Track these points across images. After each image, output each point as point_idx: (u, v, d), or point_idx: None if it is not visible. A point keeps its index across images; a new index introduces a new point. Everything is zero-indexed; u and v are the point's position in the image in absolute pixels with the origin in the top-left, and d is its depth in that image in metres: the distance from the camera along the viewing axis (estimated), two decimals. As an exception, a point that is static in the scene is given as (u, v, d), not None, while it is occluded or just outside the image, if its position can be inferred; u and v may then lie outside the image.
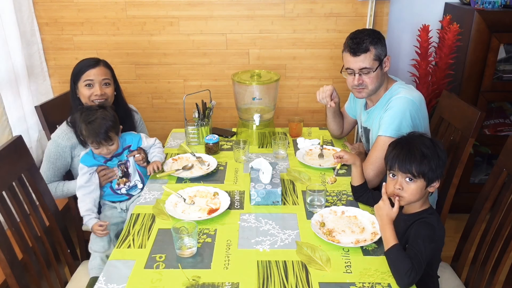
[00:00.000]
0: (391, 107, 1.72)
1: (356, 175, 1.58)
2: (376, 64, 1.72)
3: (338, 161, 1.59)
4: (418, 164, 1.29)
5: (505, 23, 2.41)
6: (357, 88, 1.78)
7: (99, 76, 1.81)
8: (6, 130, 2.37)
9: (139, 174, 1.83)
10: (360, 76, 1.75)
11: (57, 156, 1.82)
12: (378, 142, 1.72)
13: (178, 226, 1.36)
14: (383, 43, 1.75)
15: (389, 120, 1.70)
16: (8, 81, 2.38)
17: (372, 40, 1.70)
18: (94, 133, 1.64)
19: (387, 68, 1.78)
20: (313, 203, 1.57)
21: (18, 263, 1.40)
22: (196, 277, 1.25)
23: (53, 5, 2.68)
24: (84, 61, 1.84)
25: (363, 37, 1.70)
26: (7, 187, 1.45)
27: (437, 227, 1.32)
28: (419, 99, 1.74)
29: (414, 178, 1.30)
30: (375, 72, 1.73)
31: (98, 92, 1.80)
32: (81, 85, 1.80)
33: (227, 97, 2.85)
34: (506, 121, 2.77)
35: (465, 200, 2.43)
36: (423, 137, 1.36)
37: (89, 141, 1.67)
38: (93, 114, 1.65)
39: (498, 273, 1.47)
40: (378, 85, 1.78)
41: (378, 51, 1.72)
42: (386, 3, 2.64)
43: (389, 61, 1.78)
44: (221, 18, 2.71)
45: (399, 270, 1.21)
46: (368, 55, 1.70)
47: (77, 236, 2.04)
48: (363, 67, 1.72)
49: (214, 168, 1.89)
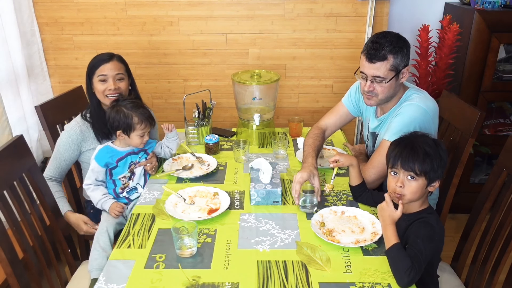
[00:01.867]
0: (401, 113, 1.64)
1: (354, 175, 1.58)
2: (392, 74, 1.60)
3: (334, 166, 1.57)
4: (421, 162, 1.28)
5: (505, 23, 2.41)
6: (367, 95, 1.67)
7: (113, 70, 1.83)
8: (6, 130, 2.37)
9: (144, 178, 1.86)
10: (372, 83, 1.63)
11: (67, 147, 1.84)
12: (382, 146, 1.67)
13: (178, 226, 1.36)
14: (405, 52, 1.61)
15: (397, 126, 1.62)
16: (8, 81, 2.38)
17: (393, 49, 1.57)
18: (145, 117, 1.73)
19: (404, 79, 1.65)
20: (305, 204, 1.56)
21: (19, 262, 1.40)
22: (196, 277, 1.25)
23: (53, 5, 2.68)
24: (98, 56, 1.86)
25: (384, 43, 1.57)
26: (8, 186, 1.45)
27: (437, 226, 1.32)
28: (432, 110, 1.65)
29: (416, 176, 1.30)
30: (388, 83, 1.61)
31: (112, 86, 1.82)
32: (95, 80, 1.83)
33: (227, 97, 2.85)
34: (506, 121, 2.78)
35: (465, 200, 2.44)
36: (425, 137, 1.35)
37: (141, 126, 1.72)
38: (135, 103, 1.75)
39: (498, 273, 1.47)
40: (389, 95, 1.67)
41: (396, 61, 1.58)
42: (386, 3, 2.64)
43: (408, 72, 1.64)
44: (221, 18, 2.71)
45: (399, 269, 1.21)
46: (385, 64, 1.58)
47: (78, 236, 2.04)
48: (376, 75, 1.60)
49: (214, 168, 1.89)
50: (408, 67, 1.64)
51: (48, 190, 1.69)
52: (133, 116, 1.71)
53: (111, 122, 1.73)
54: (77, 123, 1.86)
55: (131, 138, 1.74)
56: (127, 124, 1.71)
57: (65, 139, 1.84)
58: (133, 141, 1.75)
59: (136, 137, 1.74)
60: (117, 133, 1.74)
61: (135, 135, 1.74)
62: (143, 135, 1.75)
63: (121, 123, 1.71)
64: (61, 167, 1.88)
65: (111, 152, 1.75)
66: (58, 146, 1.86)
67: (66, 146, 1.84)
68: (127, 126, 1.72)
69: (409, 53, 1.63)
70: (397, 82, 1.64)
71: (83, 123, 1.86)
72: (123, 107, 1.73)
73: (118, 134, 1.74)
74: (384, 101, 1.69)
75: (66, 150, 1.84)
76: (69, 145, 1.84)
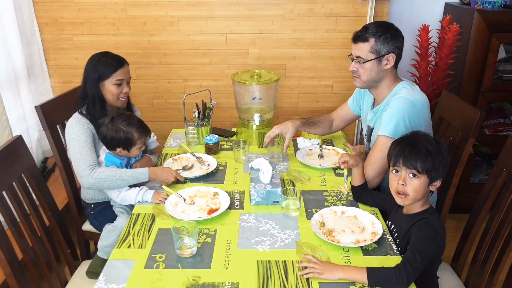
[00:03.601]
0: (390, 107, 1.71)
1: (357, 176, 1.58)
2: (372, 56, 1.69)
3: (344, 167, 1.58)
4: (423, 160, 1.29)
5: (505, 23, 2.41)
6: (353, 76, 1.79)
7: (127, 74, 1.89)
8: (6, 130, 2.37)
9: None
10: (355, 63, 1.74)
11: (88, 134, 1.77)
12: (377, 142, 1.72)
13: (178, 226, 1.36)
14: (390, 39, 1.68)
15: (387, 119, 1.69)
16: (8, 81, 2.38)
17: (375, 32, 1.67)
18: (143, 130, 1.75)
19: (388, 66, 1.71)
20: (289, 207, 1.55)
21: (18, 263, 1.40)
22: (196, 277, 1.25)
23: (53, 5, 2.68)
24: (108, 59, 1.84)
25: (369, 27, 1.69)
26: (7, 187, 1.45)
27: (439, 227, 1.32)
28: (421, 102, 1.69)
29: (418, 174, 1.30)
30: (368, 64, 1.70)
31: (126, 89, 1.88)
32: (109, 83, 1.84)
33: (227, 97, 2.85)
34: (506, 121, 2.77)
35: (465, 200, 2.44)
36: (427, 136, 1.36)
37: (141, 140, 1.74)
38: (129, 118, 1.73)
39: (498, 273, 1.47)
40: (371, 79, 1.74)
41: (378, 45, 1.68)
42: (386, 3, 2.64)
43: (393, 59, 1.70)
44: (221, 18, 2.71)
45: (390, 283, 1.20)
46: (366, 45, 1.68)
47: (77, 236, 2.04)
48: (357, 55, 1.72)
49: (214, 168, 1.89)
50: (394, 55, 1.70)
51: (48, 191, 1.68)
52: (133, 132, 1.71)
53: (109, 140, 1.71)
54: (80, 118, 1.80)
55: (130, 152, 1.76)
56: (127, 142, 1.72)
57: (80, 128, 1.76)
58: (132, 154, 1.77)
59: (136, 150, 1.77)
60: (117, 150, 1.74)
61: (135, 149, 1.76)
62: (141, 147, 1.78)
63: (122, 141, 1.71)
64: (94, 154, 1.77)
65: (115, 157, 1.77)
66: (77, 138, 1.75)
67: (86, 134, 1.76)
68: (128, 143, 1.73)
69: (398, 43, 1.70)
70: (379, 67, 1.72)
71: (84, 118, 1.81)
72: (120, 126, 1.70)
73: (118, 151, 1.74)
74: (367, 83, 1.78)
75: (88, 137, 1.77)
76: (88, 133, 1.77)
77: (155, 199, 1.65)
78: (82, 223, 2.03)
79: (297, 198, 1.55)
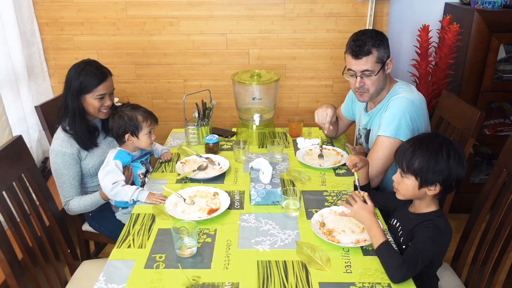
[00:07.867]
0: (391, 107, 1.72)
1: (362, 176, 1.58)
2: (378, 66, 1.71)
3: (355, 170, 1.54)
4: (409, 160, 1.31)
5: (505, 23, 2.41)
6: (359, 91, 1.77)
7: (111, 87, 1.83)
8: (6, 130, 2.37)
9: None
10: (361, 78, 1.73)
11: (67, 165, 1.77)
12: (377, 142, 1.72)
13: (178, 226, 1.36)
14: (386, 45, 1.72)
15: (388, 120, 1.70)
16: (8, 81, 2.38)
17: (374, 42, 1.68)
18: (148, 113, 1.78)
19: (389, 70, 1.77)
20: (289, 207, 1.55)
21: (18, 263, 1.40)
22: (196, 277, 1.25)
23: (53, 5, 2.68)
24: (89, 73, 1.76)
25: (365, 39, 1.68)
26: (7, 187, 1.45)
27: (445, 230, 1.32)
28: (419, 100, 1.73)
29: (404, 174, 1.34)
30: (377, 75, 1.71)
31: (108, 103, 1.82)
32: (91, 97, 1.77)
33: (227, 97, 2.85)
34: (506, 121, 2.77)
35: (465, 200, 2.44)
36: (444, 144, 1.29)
37: (147, 123, 1.76)
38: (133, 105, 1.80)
39: (498, 273, 1.47)
40: (379, 87, 1.77)
41: (380, 54, 1.70)
42: (386, 3, 2.64)
43: (392, 63, 1.76)
44: (221, 18, 2.71)
45: (390, 266, 1.22)
46: (370, 58, 1.68)
47: (77, 236, 2.04)
48: (364, 70, 1.70)
49: (227, 167, 1.88)
50: (392, 58, 1.75)
51: (48, 191, 1.69)
52: (137, 115, 1.74)
53: (117, 129, 1.75)
54: (62, 139, 1.76)
55: (140, 139, 1.76)
56: (134, 126, 1.74)
57: (61, 159, 1.75)
58: (142, 142, 1.77)
59: (145, 137, 1.77)
60: (126, 137, 1.75)
61: (143, 135, 1.76)
62: (150, 133, 1.78)
63: (128, 126, 1.73)
64: (75, 186, 1.81)
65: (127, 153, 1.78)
66: (58, 170, 1.77)
67: (66, 165, 1.77)
68: (134, 127, 1.74)
69: (389, 45, 1.75)
70: (384, 74, 1.75)
71: (68, 136, 1.77)
72: (124, 111, 1.75)
73: (127, 138, 1.75)
74: (375, 94, 1.79)
75: (68, 169, 1.77)
76: (69, 163, 1.77)
77: (150, 199, 1.65)
78: (82, 223, 2.03)
79: (297, 198, 1.55)
